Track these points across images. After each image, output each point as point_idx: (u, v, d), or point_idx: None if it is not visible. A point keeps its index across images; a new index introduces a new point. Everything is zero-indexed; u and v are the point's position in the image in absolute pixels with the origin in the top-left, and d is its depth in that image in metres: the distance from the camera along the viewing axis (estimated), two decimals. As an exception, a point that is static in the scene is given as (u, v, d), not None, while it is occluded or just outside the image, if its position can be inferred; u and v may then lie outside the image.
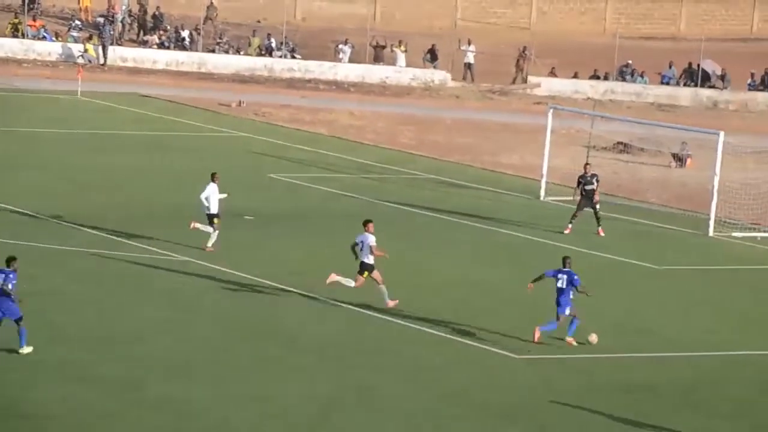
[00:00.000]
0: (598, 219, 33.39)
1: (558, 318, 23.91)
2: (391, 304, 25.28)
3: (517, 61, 63.21)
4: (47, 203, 32.81)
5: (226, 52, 62.68)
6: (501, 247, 32.05)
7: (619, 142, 45.79)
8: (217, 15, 66.03)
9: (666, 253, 32.49)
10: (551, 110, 40.06)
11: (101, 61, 60.00)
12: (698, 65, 62.33)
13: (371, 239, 25.07)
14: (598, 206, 33.36)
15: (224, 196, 29.32)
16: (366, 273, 25.17)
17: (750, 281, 30.32)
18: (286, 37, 63.14)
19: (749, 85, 61.98)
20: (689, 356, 23.95)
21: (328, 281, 25.30)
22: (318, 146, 45.39)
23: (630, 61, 63.12)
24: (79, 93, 51.46)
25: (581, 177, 33.76)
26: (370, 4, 70.84)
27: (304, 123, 50.06)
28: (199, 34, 62.54)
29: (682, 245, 33.74)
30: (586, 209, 33.30)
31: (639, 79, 62.70)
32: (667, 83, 62.57)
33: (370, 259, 25.15)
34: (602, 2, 74.37)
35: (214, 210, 28.94)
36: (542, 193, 38.57)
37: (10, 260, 21.37)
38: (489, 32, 68.34)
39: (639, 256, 31.60)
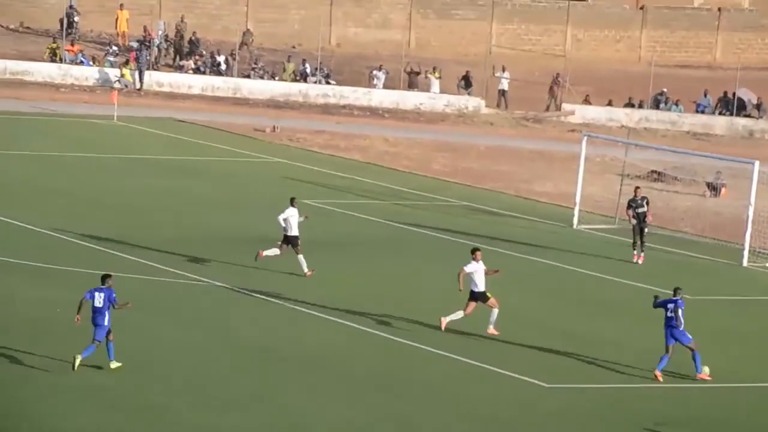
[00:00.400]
0: (642, 242, 33.54)
1: (667, 351, 23.89)
2: (493, 331, 25.59)
3: (551, 88, 63.24)
4: (82, 225, 33.06)
5: (261, 77, 63.03)
6: (534, 275, 32.02)
7: (653, 171, 45.69)
8: (252, 41, 66.43)
9: (699, 283, 32.38)
10: (585, 138, 40.05)
11: (137, 85, 60.49)
12: (734, 94, 62.16)
13: (476, 269, 25.42)
14: (646, 230, 33.41)
15: (303, 219, 29.77)
16: (477, 301, 25.47)
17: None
18: (321, 63, 63.45)
19: (785, 114, 61.77)
20: (721, 388, 23.83)
21: (443, 327, 25.50)
22: (352, 172, 45.53)
23: (665, 89, 63.02)
24: (115, 117, 51.87)
25: (632, 200, 33.92)
26: (405, 30, 71.10)
27: (338, 149, 50.23)
28: (234, 59, 62.94)
29: (715, 275, 33.62)
30: (641, 230, 33.48)
31: (674, 107, 62.57)
32: (702, 112, 62.41)
33: (479, 287, 25.50)
34: (637, 30, 74.37)
35: (294, 233, 29.40)
36: (575, 221, 38.54)
37: (105, 278, 22.28)
38: (523, 59, 68.43)
39: (672, 286, 31.48)
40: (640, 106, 62.49)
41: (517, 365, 24.10)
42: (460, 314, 25.65)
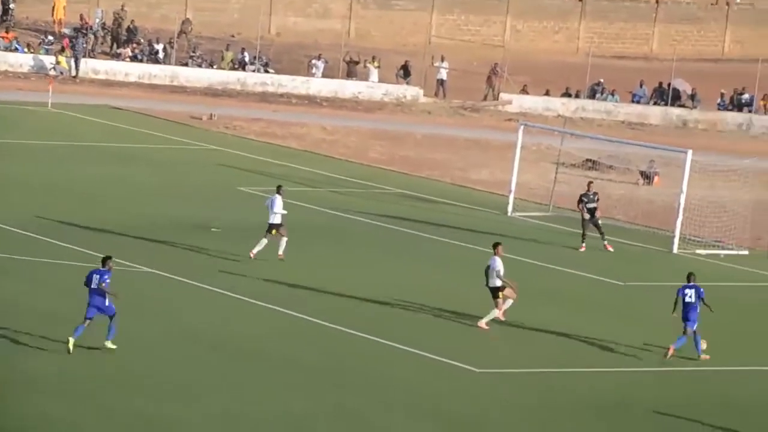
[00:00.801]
0: (601, 233, 33.99)
1: (685, 332, 24.62)
2: (482, 325, 25.74)
3: (489, 78, 63.55)
4: (17, 212, 32.80)
5: (199, 65, 62.78)
6: (467, 262, 32.20)
7: (588, 160, 46.08)
8: (191, 29, 66.11)
9: (631, 269, 32.72)
10: (522, 127, 40.32)
11: (73, 73, 60.00)
12: (669, 84, 62.78)
13: (496, 264, 25.55)
14: (600, 221, 33.90)
15: (285, 212, 29.88)
16: (500, 294, 25.60)
17: (713, 298, 30.52)
18: (259, 52, 63.29)
19: (719, 104, 62.44)
20: (653, 372, 24.13)
21: (483, 328, 25.67)
22: (289, 160, 45.51)
23: (602, 80, 63.51)
24: (50, 105, 51.45)
25: (584, 195, 34.20)
26: (344, 20, 71.08)
27: (275, 137, 50.18)
28: (172, 47, 62.61)
29: (646, 262, 33.98)
30: (591, 225, 33.82)
31: (610, 97, 63.09)
32: (638, 102, 62.98)
33: (497, 282, 25.58)
34: (576, 22, 74.86)
35: (277, 221, 29.57)
36: (510, 208, 38.80)
37: (105, 260, 22.63)
38: (462, 49, 68.68)
39: (604, 273, 31.83)
40: (577, 96, 62.94)
41: (451, 351, 24.25)
42: (495, 312, 25.75)
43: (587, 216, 34.05)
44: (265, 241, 29.57)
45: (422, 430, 20.22)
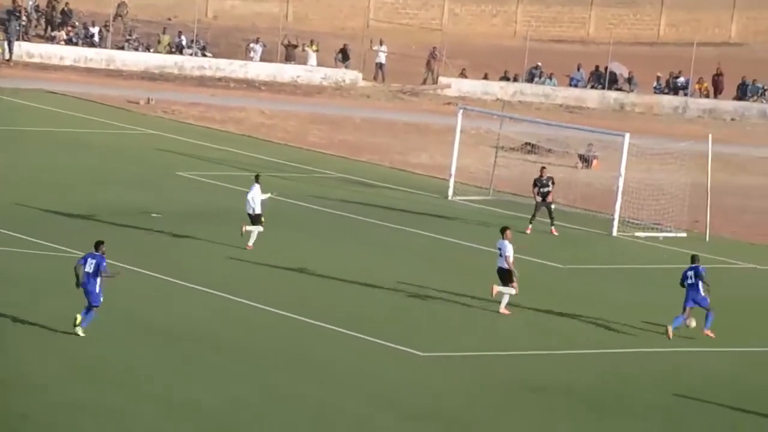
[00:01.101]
0: (552, 218, 34.28)
1: (684, 311, 25.21)
2: (504, 311, 25.90)
3: (428, 61, 63.59)
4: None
5: (136, 49, 62.25)
6: (410, 245, 32.24)
7: (527, 143, 46.27)
8: (127, 12, 65.51)
9: (572, 252, 32.93)
10: (461, 111, 40.39)
11: (6, 56, 59.23)
12: (606, 68, 63.19)
13: (509, 249, 25.85)
14: (553, 206, 34.06)
15: (267, 196, 29.84)
16: (513, 277, 25.84)
17: (652, 280, 30.81)
18: (197, 35, 62.85)
19: (655, 88, 62.94)
20: (594, 354, 24.30)
21: (494, 294, 25.89)
22: (228, 145, 45.28)
23: (539, 64, 63.78)
24: (-17, 88, 50.81)
25: (537, 180, 34.46)
26: (282, 3, 70.77)
27: (214, 121, 49.90)
28: (108, 30, 62.01)
29: (586, 245, 34.20)
30: (542, 209, 34.13)
31: (548, 81, 63.38)
32: (576, 85, 63.31)
33: (505, 264, 25.88)
34: (513, 5, 75.07)
35: (258, 210, 29.50)
36: (450, 192, 38.88)
37: (98, 244, 22.77)
38: (401, 33, 68.65)
39: (544, 256, 32.00)
40: (515, 80, 63.17)
41: (396, 336, 24.27)
42: (513, 291, 26.04)
43: (539, 199, 34.25)
44: (260, 228, 29.47)
45: (366, 413, 20.22)
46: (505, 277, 26.00)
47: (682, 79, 62.40)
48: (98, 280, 22.49)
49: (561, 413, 20.75)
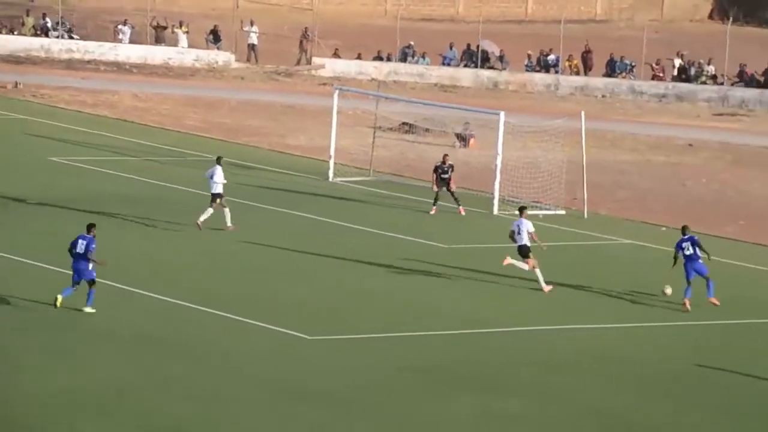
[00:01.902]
0: (456, 201, 34.63)
1: (689, 283, 25.93)
2: (546, 288, 26.99)
3: (301, 42, 63.32)
4: None
5: None
6: (292, 228, 32.08)
7: (404, 123, 46.38)
8: (-12, -6, 64.02)
9: (453, 232, 33.11)
10: (336, 91, 40.30)
11: None
12: (477, 46, 63.65)
13: (529, 225, 27.00)
14: (453, 189, 34.49)
15: (225, 182, 30.59)
16: (529, 254, 26.92)
17: (536, 257, 31.08)
18: (62, 17, 61.61)
19: (527, 66, 63.59)
20: (478, 333, 24.47)
21: (504, 263, 26.95)
22: (101, 129, 44.54)
23: (412, 43, 63.95)
24: None
25: (438, 166, 34.51)
26: (150, -17, 69.80)
27: (85, 105, 49.04)
28: (-30, 13, 60.50)
29: (467, 224, 34.42)
30: (443, 192, 34.48)
31: (421, 60, 63.61)
32: (448, 64, 63.66)
33: (525, 241, 26.92)
34: (383, -16, 75.18)
35: (218, 190, 30.28)
36: (331, 173, 38.79)
37: (90, 227, 23.70)
38: (271, 13, 68.21)
39: (427, 236, 32.13)
40: (389, 60, 63.26)
41: (280, 319, 24.13)
42: (525, 266, 27.12)
43: (437, 188, 34.43)
44: (210, 210, 30.28)
45: (254, 397, 20.07)
46: (523, 253, 27.21)
47: (552, 57, 63.16)
48: (88, 261, 23.31)
49: (442, 391, 20.85)
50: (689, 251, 26.11)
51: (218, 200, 30.37)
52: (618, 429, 19.98)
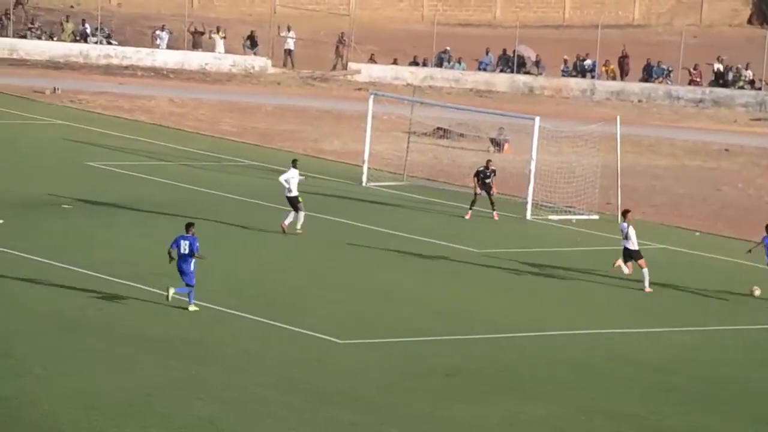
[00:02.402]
0: (492, 205, 34.80)
1: None
2: (648, 290, 27.64)
3: (337, 47, 63.52)
4: None
5: (39, 37, 61.34)
6: (326, 232, 32.17)
7: (438, 128, 46.44)
8: (28, 0, 64.54)
9: (485, 236, 33.12)
10: (372, 96, 40.42)
11: None
12: (514, 51, 63.60)
13: (628, 230, 27.77)
14: (494, 195, 34.71)
15: (302, 178, 31.64)
16: (631, 259, 27.66)
17: (566, 263, 31.10)
18: (101, 23, 62.09)
19: (563, 71, 63.51)
20: (508, 338, 24.47)
21: (615, 265, 27.88)
22: (138, 134, 44.86)
23: (448, 48, 64.01)
24: None
25: (481, 171, 34.67)
26: (187, -11, 70.23)
27: (122, 110, 49.40)
28: (9, 19, 61.00)
29: (500, 229, 34.41)
30: (481, 196, 34.68)
31: (457, 65, 63.65)
32: (485, 69, 63.66)
33: (630, 245, 27.54)
34: (419, -11, 75.28)
35: (294, 194, 31.07)
36: (365, 178, 38.90)
37: (189, 226, 24.21)
38: (308, 19, 68.46)
39: (459, 240, 32.15)
40: (425, 65, 63.34)
41: (310, 323, 24.22)
42: (626, 270, 27.88)
43: (479, 191, 34.44)
44: (293, 213, 31.10)
45: (289, 402, 20.17)
46: (630, 255, 27.80)
47: (589, 62, 63.05)
48: (192, 260, 23.86)
49: (472, 396, 20.86)
50: None
51: (299, 201, 31.22)
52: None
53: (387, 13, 74.03)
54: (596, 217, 36.02)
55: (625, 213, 28.38)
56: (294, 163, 31.74)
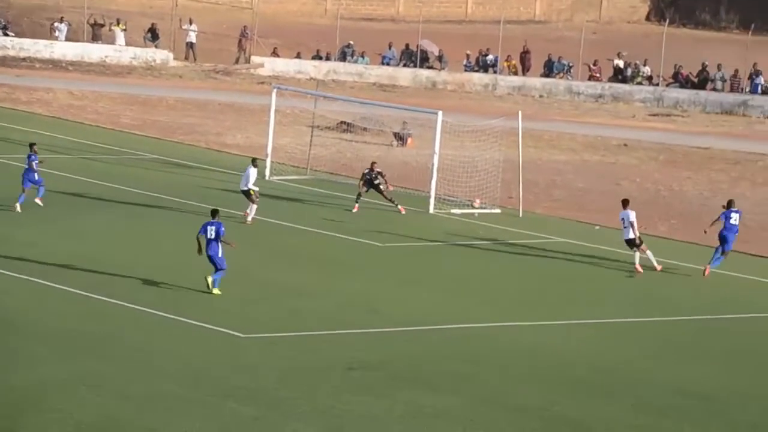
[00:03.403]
0: (392, 201, 34.77)
1: (724, 253, 27.79)
2: (659, 268, 28.87)
3: (240, 41, 63.20)
4: None
5: (-68, 29, 60.23)
6: (229, 227, 31.94)
7: (342, 122, 46.43)
8: None
9: (388, 230, 33.18)
10: (275, 90, 40.26)
11: None
12: (417, 46, 63.80)
13: (632, 215, 28.32)
14: (387, 192, 34.67)
15: (256, 189, 32.09)
16: (636, 248, 28.32)
17: (469, 256, 31.30)
18: (-2, 14, 61.11)
19: (465, 66, 63.87)
20: (410, 331, 24.54)
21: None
22: (36, 126, 44.16)
23: (351, 42, 64.02)
24: None
25: (366, 173, 34.71)
26: (87, -19, 69.40)
27: (19, 102, 48.63)
28: None
29: (404, 223, 34.49)
30: (367, 191, 34.72)
31: (360, 59, 63.69)
32: (388, 64, 63.79)
33: (631, 234, 28.23)
34: (322, -17, 75.20)
35: (249, 187, 31.72)
36: (268, 172, 38.74)
37: (214, 212, 25.28)
38: (211, 11, 68.02)
39: (363, 234, 32.17)
40: (328, 59, 63.28)
41: (212, 317, 24.07)
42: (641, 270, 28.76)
43: (364, 189, 34.41)
44: (255, 206, 31.73)
45: (192, 397, 20.01)
46: (633, 244, 28.52)
47: (491, 57, 63.48)
48: (219, 245, 24.66)
49: (374, 389, 20.90)
50: (735, 221, 27.81)
51: (253, 195, 31.81)
52: (536, 423, 20.13)
53: (290, 6, 73.86)
54: (498, 210, 36.28)
55: (624, 202, 29.20)
56: (254, 162, 32.51)
